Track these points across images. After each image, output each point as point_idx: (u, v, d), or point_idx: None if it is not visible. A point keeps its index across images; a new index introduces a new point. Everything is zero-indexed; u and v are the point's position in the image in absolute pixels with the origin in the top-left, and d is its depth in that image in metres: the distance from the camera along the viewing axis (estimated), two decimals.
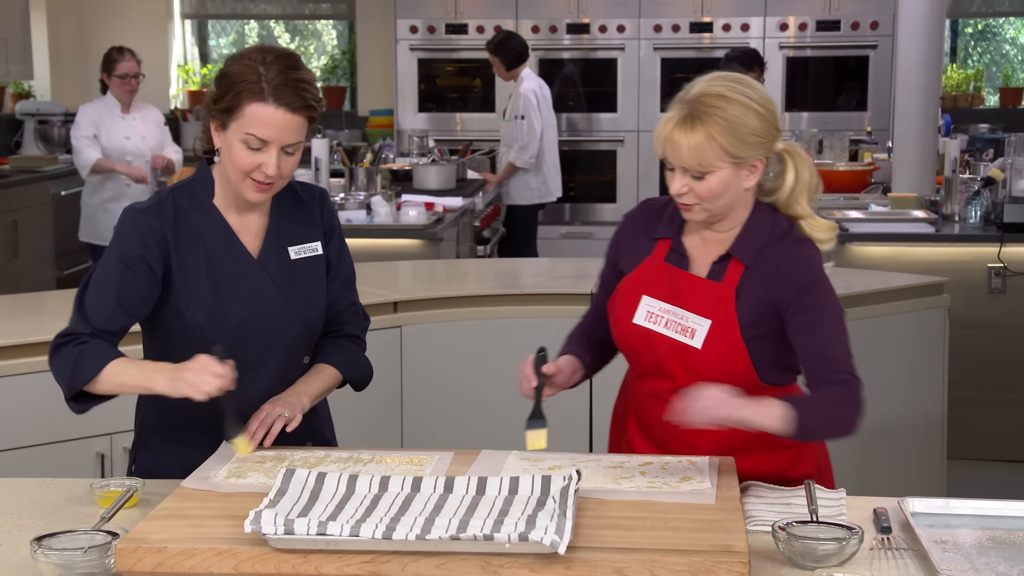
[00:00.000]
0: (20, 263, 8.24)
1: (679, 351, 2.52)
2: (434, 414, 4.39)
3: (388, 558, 2.00)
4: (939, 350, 4.58)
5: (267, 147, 2.48)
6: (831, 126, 9.52)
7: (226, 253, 2.59)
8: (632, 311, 2.57)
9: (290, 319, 2.62)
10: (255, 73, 2.47)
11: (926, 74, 6.63)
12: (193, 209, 2.59)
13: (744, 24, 9.82)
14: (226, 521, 2.11)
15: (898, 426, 4.53)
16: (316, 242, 2.69)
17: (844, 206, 6.73)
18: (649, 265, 2.60)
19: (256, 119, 2.46)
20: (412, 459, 2.46)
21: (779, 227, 2.54)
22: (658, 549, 2.02)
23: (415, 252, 5.90)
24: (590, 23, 9.91)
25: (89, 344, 2.50)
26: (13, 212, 8.28)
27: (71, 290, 5.24)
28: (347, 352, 2.77)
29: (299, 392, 2.65)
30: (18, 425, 3.67)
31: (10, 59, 9.01)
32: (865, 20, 9.77)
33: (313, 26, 11.26)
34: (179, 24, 11.03)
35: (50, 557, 2.03)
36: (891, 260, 5.68)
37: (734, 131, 2.41)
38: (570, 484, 2.19)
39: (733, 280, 2.51)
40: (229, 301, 2.57)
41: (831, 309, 2.49)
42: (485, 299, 4.42)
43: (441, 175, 7.35)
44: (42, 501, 2.44)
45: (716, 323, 2.50)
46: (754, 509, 2.35)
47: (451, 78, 10.02)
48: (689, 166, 2.43)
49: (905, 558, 2.18)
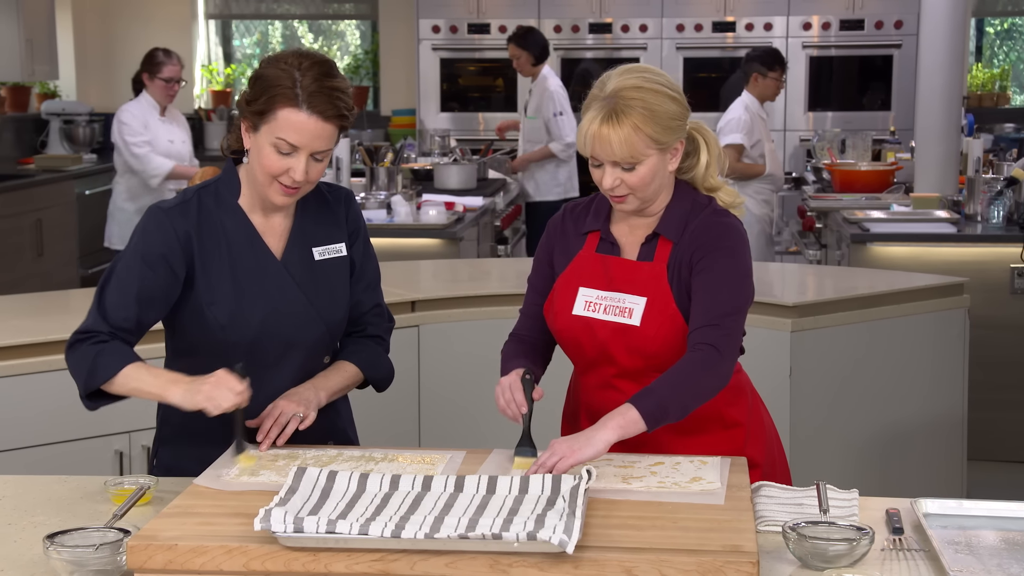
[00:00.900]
0: (44, 262, 8.29)
1: (620, 332, 2.59)
2: (452, 413, 4.40)
3: (397, 556, 2.00)
4: (959, 351, 4.56)
5: (297, 152, 2.48)
6: (855, 126, 9.49)
7: (250, 254, 2.60)
8: (571, 304, 2.65)
9: (312, 320, 2.62)
10: (290, 78, 2.47)
11: (949, 73, 6.60)
12: (218, 209, 2.59)
13: (767, 23, 9.80)
14: (237, 519, 2.12)
15: (918, 427, 4.51)
16: (340, 243, 2.69)
17: (866, 206, 6.71)
18: (582, 259, 2.68)
19: (288, 124, 2.47)
20: (424, 458, 2.47)
21: (699, 203, 2.64)
22: (667, 549, 2.02)
23: (435, 251, 5.91)
24: (612, 23, 9.91)
25: (108, 344, 2.51)
26: (38, 211, 8.33)
27: (93, 289, 5.29)
28: (369, 351, 2.78)
29: (317, 386, 2.65)
30: (38, 423, 3.69)
31: (35, 59, 9.07)
32: (889, 19, 9.74)
33: (336, 26, 11.29)
34: (203, 24, 11.07)
35: (62, 554, 2.05)
36: (913, 260, 5.66)
37: (656, 119, 2.51)
38: (580, 484, 2.19)
39: (663, 258, 2.61)
40: (251, 302, 2.58)
41: (725, 274, 2.56)
42: (503, 298, 4.42)
43: (462, 175, 7.36)
44: (57, 498, 2.45)
45: (651, 299, 2.58)
46: (765, 509, 2.35)
47: (473, 78, 10.04)
48: (620, 159, 2.52)
49: (917, 559, 2.17)
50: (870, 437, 4.42)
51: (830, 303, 4.31)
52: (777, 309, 4.20)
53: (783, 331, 4.16)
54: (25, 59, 8.89)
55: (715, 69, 9.88)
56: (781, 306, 4.20)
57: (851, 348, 4.35)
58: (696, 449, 2.58)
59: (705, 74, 9.93)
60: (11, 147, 9.61)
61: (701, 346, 2.50)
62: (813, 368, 4.24)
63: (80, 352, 2.52)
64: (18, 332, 3.76)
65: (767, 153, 7.24)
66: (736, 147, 7.08)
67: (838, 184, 7.42)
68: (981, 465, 5.21)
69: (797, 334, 4.18)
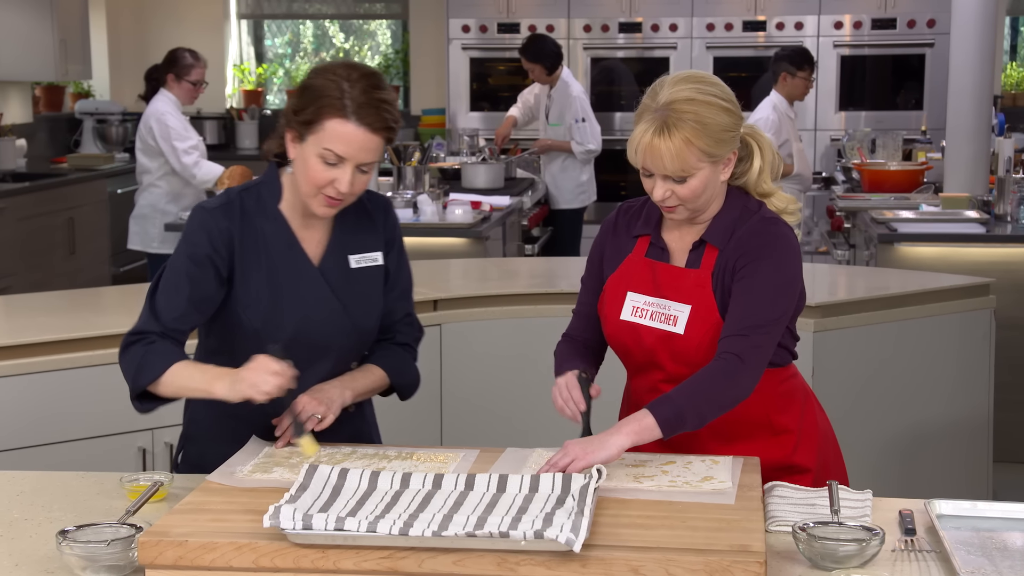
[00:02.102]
0: (76, 260, 8.36)
1: (665, 340, 2.58)
2: (474, 412, 4.41)
3: (405, 554, 2.01)
4: (985, 352, 4.53)
5: (343, 164, 2.48)
6: (887, 125, 9.44)
7: (288, 259, 2.60)
8: (619, 308, 2.63)
9: (345, 327, 2.63)
10: (339, 89, 2.47)
11: (979, 72, 6.56)
12: (259, 213, 2.60)
13: (798, 23, 9.76)
14: (248, 516, 2.13)
15: (943, 428, 4.48)
16: (377, 252, 2.70)
17: (895, 206, 6.67)
18: (631, 263, 2.66)
19: (335, 135, 2.47)
20: (436, 456, 2.48)
21: (749, 209, 2.61)
22: (674, 548, 2.02)
23: (461, 251, 5.92)
24: (642, 22, 9.89)
25: (156, 344, 2.53)
26: (70, 210, 8.40)
27: (124, 286, 5.34)
28: (397, 358, 2.79)
29: (344, 385, 2.66)
30: (63, 419, 3.72)
31: (69, 59, 9.15)
32: (922, 18, 9.68)
33: (367, 26, 11.32)
34: (235, 24, 11.13)
35: (75, 549, 2.07)
36: (941, 261, 5.62)
37: (708, 132, 2.46)
38: (590, 482, 2.19)
39: (709, 265, 2.58)
40: (286, 307, 2.59)
41: (764, 284, 2.52)
42: (525, 298, 4.43)
43: (489, 174, 7.36)
44: (74, 494, 2.47)
45: (695, 307, 2.56)
46: (777, 509, 2.34)
47: (503, 77, 10.04)
48: (671, 172, 2.48)
49: (928, 560, 2.16)
50: (894, 438, 4.40)
51: (853, 303, 4.30)
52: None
53: (806, 331, 4.14)
54: (59, 59, 8.97)
55: (746, 69, 9.84)
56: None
57: (875, 348, 4.34)
58: (738, 451, 2.55)
59: (735, 74, 9.89)
60: (45, 146, 9.69)
61: (726, 355, 2.48)
62: (836, 368, 4.23)
63: (131, 354, 2.55)
64: (45, 329, 3.80)
65: (795, 153, 7.21)
66: None
67: (867, 184, 7.38)
68: (1008, 467, 5.18)
69: (820, 334, 4.16)
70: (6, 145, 8.70)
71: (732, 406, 2.51)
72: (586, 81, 9.93)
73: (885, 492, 2.54)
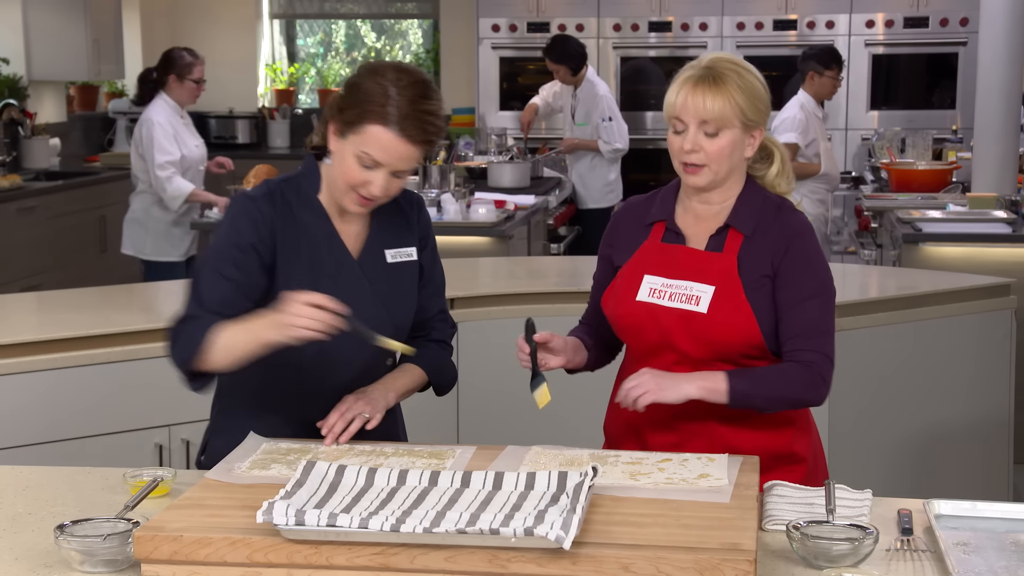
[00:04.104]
0: (107, 258, 8.43)
1: (686, 319, 2.60)
2: (491, 410, 4.42)
3: (397, 550, 2.02)
4: (1006, 352, 4.50)
5: (378, 168, 2.49)
6: (920, 124, 9.38)
7: (327, 251, 2.61)
8: (635, 290, 2.66)
9: (382, 321, 2.62)
10: (385, 95, 2.46)
11: (1008, 71, 6.52)
12: (299, 204, 2.61)
13: (829, 21, 9.72)
14: (244, 512, 2.14)
15: (962, 429, 4.46)
16: (412, 247, 2.72)
17: (921, 205, 6.63)
18: (647, 249, 2.69)
19: (375, 141, 2.47)
20: (435, 453, 2.49)
21: (771, 200, 2.67)
22: (665, 546, 2.02)
23: (484, 249, 5.93)
24: (673, 21, 9.87)
25: (199, 320, 2.48)
26: (102, 208, 8.48)
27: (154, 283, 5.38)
28: (435, 355, 2.81)
29: (387, 387, 2.68)
30: (83, 415, 3.77)
31: (102, 59, 9.23)
32: (955, 16, 9.62)
33: (399, 25, 11.35)
34: (267, 24, 11.19)
35: (72, 543, 2.09)
36: (966, 261, 5.59)
37: (749, 94, 2.56)
38: (585, 480, 2.19)
39: (734, 249, 2.62)
40: None
41: (817, 285, 2.61)
42: (542, 296, 4.44)
43: (515, 173, 7.37)
44: (78, 489, 2.50)
45: (720, 289, 2.59)
46: (775, 508, 2.34)
47: (533, 76, 10.03)
48: (709, 118, 2.54)
49: (923, 560, 2.16)
50: (912, 438, 4.38)
51: (871, 303, 4.28)
52: None
53: None
54: (92, 59, 9.05)
55: (777, 68, 9.79)
56: None
57: (893, 348, 4.32)
58: (744, 438, 2.61)
59: (766, 73, 9.72)
60: (79, 145, 9.78)
61: (809, 365, 2.57)
62: (854, 368, 4.21)
63: (175, 337, 2.51)
64: (67, 326, 3.86)
65: (823, 152, 7.18)
66: (790, 146, 7.03)
67: (895, 183, 7.35)
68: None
69: (837, 334, 4.13)
70: (39, 144, 8.78)
71: (800, 408, 2.64)
72: (616, 80, 9.92)
73: (903, 493, 2.54)
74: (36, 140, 8.77)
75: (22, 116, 8.70)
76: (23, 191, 7.76)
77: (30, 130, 8.76)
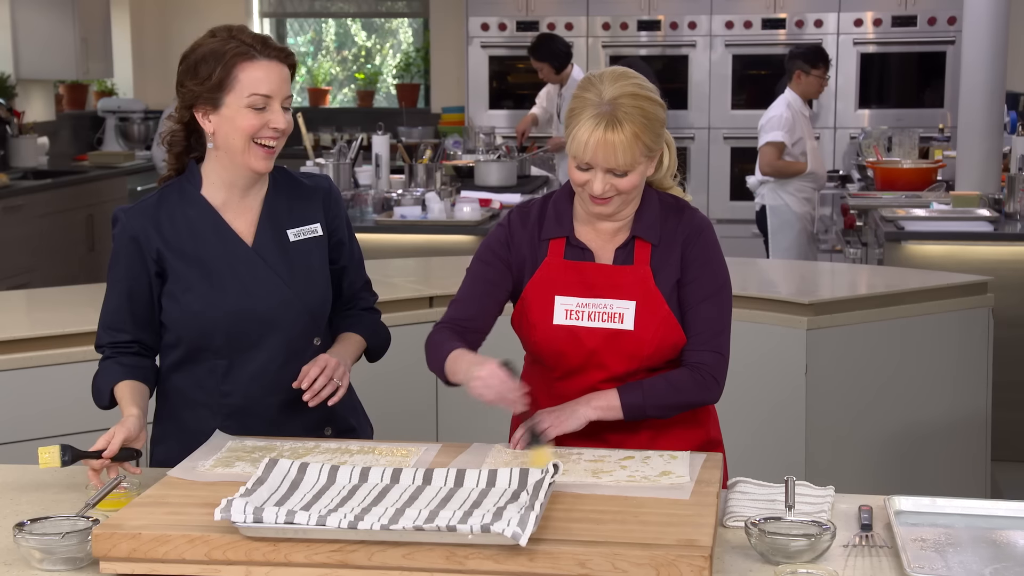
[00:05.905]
0: (95, 257, 8.43)
1: (612, 338, 2.58)
2: (470, 408, 4.38)
3: (355, 547, 2.03)
4: (983, 350, 4.51)
5: (270, 103, 2.57)
6: (908, 123, 9.38)
7: (215, 240, 2.65)
8: (549, 314, 2.60)
9: (289, 301, 2.66)
10: (233, 40, 2.57)
11: (991, 70, 6.53)
12: (182, 202, 2.66)
13: (817, 20, 9.72)
14: (204, 509, 2.15)
15: (940, 427, 4.46)
16: (315, 224, 2.74)
17: (905, 204, 6.64)
18: (549, 267, 2.62)
19: (254, 79, 2.55)
20: (398, 450, 2.50)
21: (665, 202, 2.65)
22: (622, 542, 2.03)
23: (469, 248, 5.92)
24: (662, 20, 9.88)
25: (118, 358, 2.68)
26: (90, 207, 8.48)
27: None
28: (368, 321, 2.86)
29: (338, 355, 2.69)
30: (68, 412, 3.74)
31: (90, 58, 9.24)
32: (943, 15, 9.62)
33: (389, 24, 11.36)
34: (257, 22, 11.19)
35: (30, 542, 2.10)
36: (948, 259, 5.60)
37: (651, 127, 2.52)
38: (545, 477, 2.20)
39: (645, 260, 2.60)
40: (222, 287, 2.63)
41: (715, 285, 2.62)
42: None
43: (502, 171, 7.37)
44: (44, 488, 2.51)
45: (641, 303, 2.58)
46: (736, 504, 2.35)
47: (522, 75, 10.03)
48: (620, 165, 2.50)
49: (880, 555, 2.17)
50: (890, 437, 4.39)
51: (847, 301, 4.29)
52: (792, 307, 4.19)
53: (799, 329, 4.14)
54: (80, 58, 9.06)
55: (765, 67, 9.82)
56: (796, 304, 4.18)
57: (870, 347, 4.32)
58: (661, 428, 2.63)
59: (755, 71, 9.88)
60: (68, 144, 9.78)
61: (700, 368, 2.58)
62: (830, 366, 4.22)
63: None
64: (54, 324, 3.85)
65: (809, 151, 7.19)
66: (777, 145, 7.05)
67: (880, 182, 7.35)
68: (1007, 466, 5.15)
69: (813, 332, 4.16)
70: (27, 143, 8.78)
71: (695, 408, 2.66)
72: None
73: (881, 490, 2.53)
74: (24, 139, 8.78)
75: (10, 115, 8.71)
76: (11, 190, 7.77)
77: (18, 129, 8.77)
